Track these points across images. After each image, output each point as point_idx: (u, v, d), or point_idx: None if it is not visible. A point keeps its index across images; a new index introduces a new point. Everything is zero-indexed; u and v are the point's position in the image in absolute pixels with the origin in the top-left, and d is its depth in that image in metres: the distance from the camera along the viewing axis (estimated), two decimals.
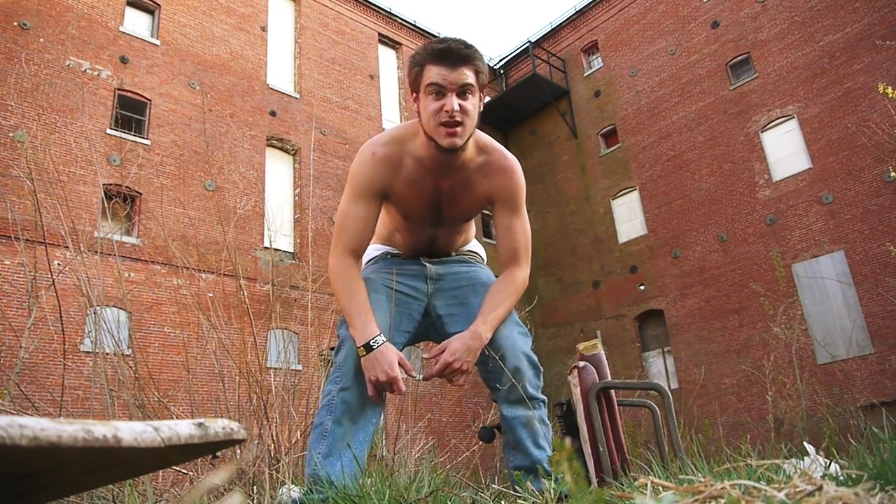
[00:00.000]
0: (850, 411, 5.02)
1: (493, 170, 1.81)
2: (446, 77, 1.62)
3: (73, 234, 2.51)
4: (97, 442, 0.51)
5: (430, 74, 1.64)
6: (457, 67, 1.62)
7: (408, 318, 1.84)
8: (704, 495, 0.78)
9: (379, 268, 1.92)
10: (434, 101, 1.63)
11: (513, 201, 1.84)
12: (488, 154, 1.81)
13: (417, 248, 1.93)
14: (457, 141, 1.65)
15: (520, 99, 20.62)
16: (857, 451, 1.21)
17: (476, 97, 1.69)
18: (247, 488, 2.04)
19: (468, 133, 1.68)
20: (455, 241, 1.98)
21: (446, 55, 1.62)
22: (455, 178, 1.77)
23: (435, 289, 1.89)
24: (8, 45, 11.87)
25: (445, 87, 1.62)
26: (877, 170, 13.79)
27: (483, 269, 1.99)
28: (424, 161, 1.74)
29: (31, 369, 3.16)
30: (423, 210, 1.82)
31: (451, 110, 1.61)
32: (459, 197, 1.81)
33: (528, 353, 1.80)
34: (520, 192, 1.85)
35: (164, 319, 10.85)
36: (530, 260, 1.90)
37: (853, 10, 14.82)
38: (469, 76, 1.64)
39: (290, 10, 17.56)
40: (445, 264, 1.94)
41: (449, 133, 1.63)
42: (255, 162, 14.88)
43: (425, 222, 1.86)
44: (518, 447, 1.76)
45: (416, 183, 1.77)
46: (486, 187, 1.81)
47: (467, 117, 1.65)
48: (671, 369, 16.56)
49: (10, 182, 10.00)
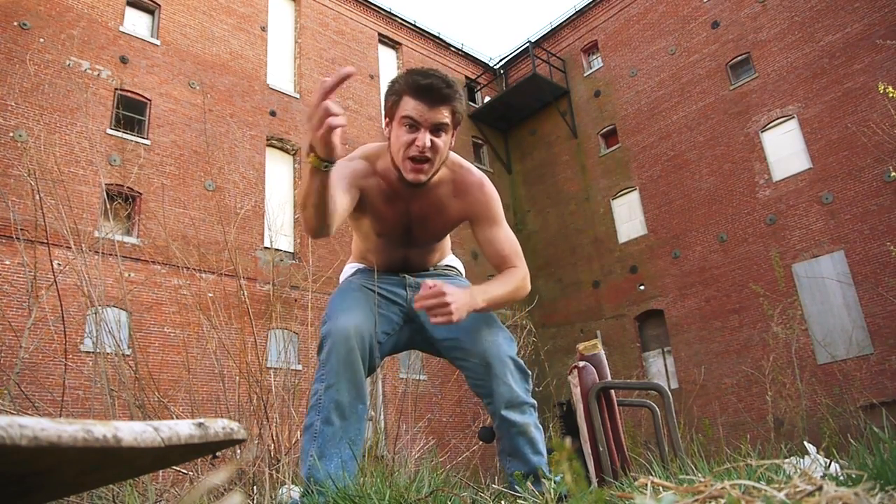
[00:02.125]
0: (850, 411, 5.02)
1: (461, 188, 1.79)
2: (422, 114, 1.61)
3: (75, 235, 2.51)
4: (97, 442, 0.51)
5: (406, 107, 1.63)
6: (435, 106, 1.61)
7: (386, 321, 1.82)
8: (704, 495, 0.78)
9: (358, 276, 1.92)
10: (406, 133, 1.63)
11: (490, 214, 1.82)
12: (453, 173, 1.80)
13: (392, 266, 1.93)
14: (421, 177, 1.65)
15: (520, 99, 20.62)
16: (857, 451, 1.21)
17: (449, 135, 1.68)
18: (247, 488, 2.04)
19: (434, 170, 1.67)
20: (430, 259, 1.98)
21: (426, 92, 1.61)
22: (424, 201, 1.77)
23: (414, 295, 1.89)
24: (8, 45, 11.87)
25: (420, 123, 1.62)
26: (877, 170, 13.79)
27: (462, 280, 1.98)
28: (393, 184, 1.74)
29: (31, 369, 3.16)
30: (393, 228, 1.81)
31: (422, 146, 1.61)
32: (431, 219, 1.80)
33: (514, 358, 1.79)
34: (494, 205, 1.82)
35: (165, 319, 10.86)
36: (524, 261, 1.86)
37: (853, 10, 14.82)
38: (446, 116, 1.63)
39: (290, 10, 17.56)
40: (424, 276, 1.94)
41: (415, 168, 1.63)
42: (255, 162, 14.88)
43: (396, 242, 1.85)
44: (516, 454, 1.75)
45: (387, 201, 1.77)
46: (458, 207, 1.80)
47: (437, 154, 1.64)
48: (671, 369, 16.56)
49: (11, 182, 10.00)
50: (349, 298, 1.79)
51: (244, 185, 14.20)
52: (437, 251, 1.98)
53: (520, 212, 20.82)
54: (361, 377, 1.70)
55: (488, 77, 22.27)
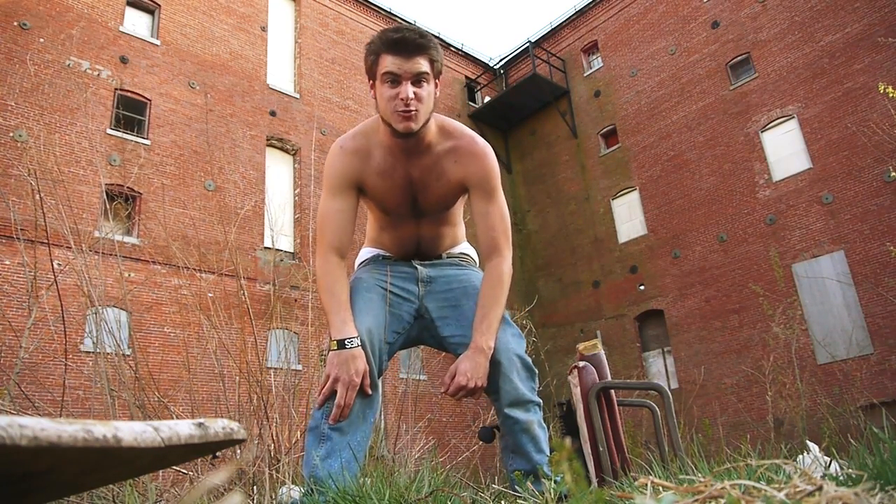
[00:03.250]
0: (850, 411, 5.02)
1: (463, 154, 1.81)
2: (401, 66, 1.65)
3: (75, 235, 2.51)
4: (97, 442, 0.51)
5: (385, 63, 1.67)
6: (412, 57, 1.65)
7: (398, 319, 1.84)
8: (704, 495, 0.78)
9: (371, 269, 1.93)
10: (389, 88, 1.67)
11: (488, 186, 1.83)
12: (456, 139, 1.82)
13: (405, 247, 1.94)
14: (412, 125, 1.67)
15: (520, 99, 20.62)
16: (857, 451, 1.21)
17: (431, 84, 1.70)
18: (247, 488, 2.04)
19: (423, 118, 1.70)
20: (442, 238, 1.97)
21: (401, 45, 1.65)
22: (423, 164, 1.79)
23: (426, 291, 1.89)
24: (8, 45, 11.87)
25: (400, 76, 1.65)
26: (877, 170, 13.78)
27: (475, 272, 1.98)
28: (391, 148, 1.77)
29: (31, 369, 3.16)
30: (399, 200, 1.83)
31: (405, 98, 1.64)
32: (432, 184, 1.81)
33: (521, 356, 1.80)
34: (494, 176, 1.84)
35: (165, 319, 10.86)
36: (511, 245, 1.87)
37: (853, 10, 14.82)
38: (424, 65, 1.66)
39: (290, 10, 17.56)
40: (437, 267, 1.94)
41: (404, 117, 1.66)
42: (255, 162, 14.88)
43: (405, 214, 1.87)
44: (519, 451, 1.76)
45: (387, 173, 1.79)
46: (459, 173, 1.81)
47: (421, 104, 1.67)
48: (671, 369, 16.56)
49: (11, 182, 10.00)
50: (360, 300, 1.79)
51: (244, 185, 14.21)
52: (449, 230, 1.97)
53: (520, 212, 20.82)
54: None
55: (488, 77, 22.27)
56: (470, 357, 1.71)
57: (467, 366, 1.70)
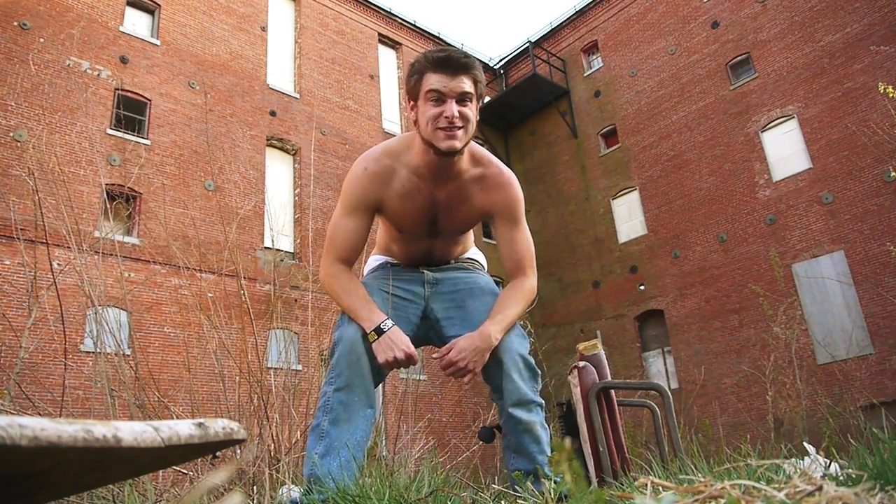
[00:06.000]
0: (850, 411, 5.02)
1: (490, 184, 1.82)
2: (446, 84, 1.64)
3: (75, 234, 2.51)
4: (97, 442, 0.51)
5: (429, 81, 1.66)
6: (457, 75, 1.65)
7: (405, 322, 1.85)
8: (704, 495, 0.78)
9: (377, 275, 1.95)
10: (433, 107, 1.66)
11: (515, 214, 1.86)
12: (484, 167, 1.83)
13: (415, 258, 1.95)
14: (455, 144, 1.66)
15: (520, 99, 20.61)
16: (857, 451, 1.21)
17: (474, 105, 1.70)
18: (247, 488, 2.04)
19: (466, 138, 1.70)
20: (453, 251, 2.00)
21: (447, 63, 1.65)
22: (450, 188, 1.79)
23: (433, 292, 1.90)
24: (8, 45, 11.86)
25: (445, 94, 1.65)
26: (877, 170, 13.78)
27: (482, 275, 2.00)
28: (420, 169, 1.76)
29: (31, 369, 3.16)
30: (417, 223, 1.83)
31: (451, 116, 1.63)
32: (455, 209, 1.82)
33: (524, 356, 1.81)
34: (519, 206, 1.87)
35: (165, 319, 10.86)
36: (536, 268, 1.91)
37: (853, 10, 14.81)
38: (468, 85, 1.66)
39: (290, 10, 17.56)
40: (444, 270, 1.95)
41: (448, 136, 1.65)
42: (255, 162, 14.88)
43: (421, 235, 1.88)
44: (520, 451, 1.77)
45: (410, 196, 1.78)
46: (484, 201, 1.83)
47: (467, 122, 1.67)
48: (671, 369, 16.55)
49: (11, 182, 10.00)
50: None
51: (244, 185, 14.20)
52: (461, 244, 2.00)
53: None
54: (370, 382, 1.72)
55: (488, 77, 22.26)
56: (471, 338, 1.73)
57: (465, 344, 1.72)
